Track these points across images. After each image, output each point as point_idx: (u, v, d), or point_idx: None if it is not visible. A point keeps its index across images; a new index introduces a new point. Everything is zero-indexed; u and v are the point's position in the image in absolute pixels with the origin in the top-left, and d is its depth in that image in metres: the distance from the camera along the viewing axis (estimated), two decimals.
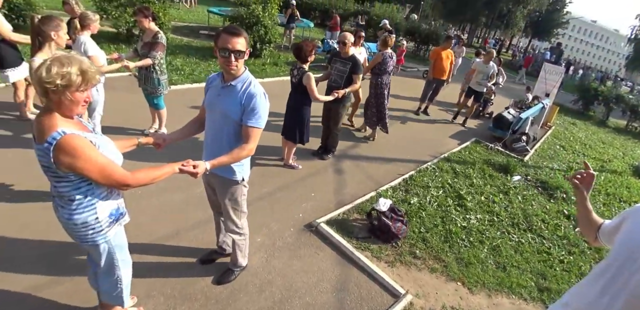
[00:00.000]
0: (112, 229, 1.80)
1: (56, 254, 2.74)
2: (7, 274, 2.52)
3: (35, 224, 2.99)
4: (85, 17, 3.88)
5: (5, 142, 4.17)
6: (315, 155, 4.76)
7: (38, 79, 1.41)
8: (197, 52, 8.75)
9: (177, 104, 5.25)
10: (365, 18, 16.82)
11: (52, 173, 1.56)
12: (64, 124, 1.50)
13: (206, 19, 12.68)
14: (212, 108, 2.13)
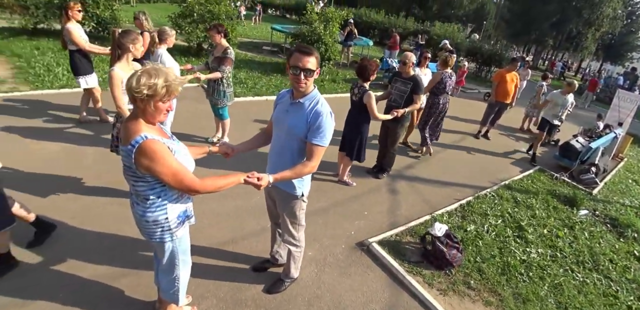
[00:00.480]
0: (179, 229, 1.95)
1: (124, 248, 2.98)
2: (77, 262, 2.80)
3: (107, 217, 3.30)
4: (164, 32, 4.29)
5: (87, 140, 4.66)
6: (370, 173, 4.78)
7: (129, 88, 1.59)
8: (260, 66, 9.24)
9: (240, 115, 5.56)
10: (426, 37, 16.79)
11: (132, 173, 1.74)
12: (147, 130, 1.67)
13: (269, 36, 13.39)
14: (280, 123, 2.22)
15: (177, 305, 2.28)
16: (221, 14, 9.60)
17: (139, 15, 4.89)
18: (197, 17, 9.37)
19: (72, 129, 5.01)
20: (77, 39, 4.65)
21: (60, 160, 4.17)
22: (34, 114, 5.20)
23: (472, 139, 7.44)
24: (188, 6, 9.46)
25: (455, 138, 7.15)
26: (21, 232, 2.84)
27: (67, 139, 4.67)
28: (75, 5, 4.71)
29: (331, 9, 10.14)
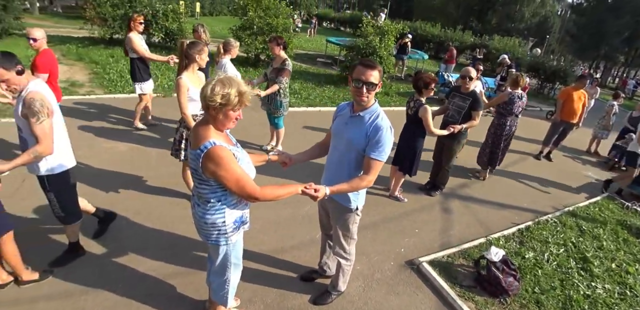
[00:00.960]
0: (234, 234, 2.02)
1: (180, 247, 3.15)
2: (136, 256, 3.00)
3: (165, 216, 3.51)
4: (228, 43, 4.55)
5: (151, 142, 5.01)
6: (422, 190, 4.68)
7: (203, 96, 1.70)
8: (314, 78, 9.46)
9: (293, 124, 5.72)
10: (484, 51, 16.30)
11: (197, 176, 1.84)
12: (215, 136, 1.77)
13: (324, 48, 13.70)
14: (338, 135, 2.25)
15: (225, 307, 2.35)
16: (279, 27, 10.00)
17: (197, 28, 5.19)
18: (256, 29, 9.83)
19: (139, 131, 5.42)
20: (137, 47, 5.07)
21: (127, 159, 4.52)
22: (106, 116, 5.70)
23: (533, 159, 7.04)
24: (249, 19, 9.95)
25: (515, 158, 6.80)
26: (86, 224, 3.11)
27: (134, 140, 5.07)
28: (139, 17, 5.15)
29: (387, 22, 10.20)
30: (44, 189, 2.61)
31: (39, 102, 2.27)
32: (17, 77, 2.25)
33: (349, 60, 9.54)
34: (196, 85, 3.28)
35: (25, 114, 2.26)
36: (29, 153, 2.29)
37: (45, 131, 2.30)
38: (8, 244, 2.51)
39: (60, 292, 2.65)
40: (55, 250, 2.99)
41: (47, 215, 3.47)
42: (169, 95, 7.08)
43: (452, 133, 4.08)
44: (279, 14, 10.19)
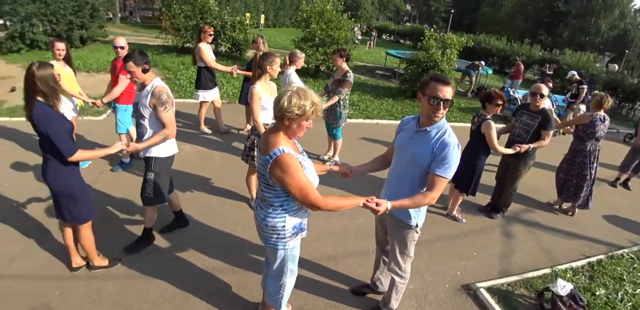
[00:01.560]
0: (292, 240, 2.08)
1: (238, 248, 3.30)
2: (196, 253, 3.20)
3: (226, 218, 3.71)
4: (294, 54, 4.73)
5: (215, 146, 5.32)
6: (482, 211, 4.49)
7: (280, 107, 1.78)
8: (372, 90, 9.52)
9: (350, 136, 5.78)
10: (554, 67, 15.35)
11: (263, 180, 1.93)
12: (285, 144, 1.86)
13: (383, 60, 13.73)
14: (402, 150, 2.24)
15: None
16: (340, 39, 10.24)
17: (257, 39, 5.43)
18: (318, 41, 10.14)
19: (205, 134, 5.78)
20: (205, 57, 5.42)
21: (192, 160, 4.85)
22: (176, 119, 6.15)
23: (608, 186, 6.46)
24: (311, 31, 10.31)
25: None
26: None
27: (199, 143, 5.43)
28: (209, 29, 5.53)
29: (450, 36, 10.04)
30: (148, 168, 2.98)
31: (165, 94, 2.77)
32: (142, 73, 2.74)
33: (409, 74, 9.49)
34: (268, 94, 3.46)
35: (154, 103, 2.74)
36: (159, 135, 2.82)
37: (171, 118, 2.84)
38: (86, 231, 2.80)
39: (126, 280, 2.89)
40: (125, 240, 3.29)
41: (119, 207, 3.85)
42: (233, 102, 7.50)
43: (518, 152, 3.90)
44: (340, 26, 10.44)
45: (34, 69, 2.32)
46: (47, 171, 2.53)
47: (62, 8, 12.08)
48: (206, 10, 11.97)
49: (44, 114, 2.34)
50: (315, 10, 10.49)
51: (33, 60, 2.43)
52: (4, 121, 6.30)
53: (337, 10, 10.59)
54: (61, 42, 4.16)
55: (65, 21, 12.32)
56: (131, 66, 2.69)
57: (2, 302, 2.66)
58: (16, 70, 9.79)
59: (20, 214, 3.72)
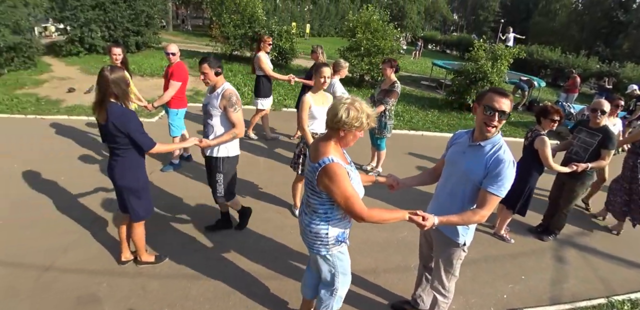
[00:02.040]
0: (335, 247, 2.09)
1: (279, 253, 3.36)
2: (238, 255, 3.31)
3: (269, 223, 3.81)
4: (338, 64, 4.78)
5: (260, 151, 5.47)
6: (532, 232, 4.26)
7: (338, 120, 1.81)
8: (417, 101, 9.41)
9: (394, 147, 5.73)
10: (613, 80, 14.41)
11: (310, 187, 1.97)
12: (334, 153, 1.89)
13: (429, 71, 13.56)
14: (453, 164, 2.19)
15: None
16: (386, 49, 10.24)
17: (316, 49, 5.51)
18: (363, 51, 10.20)
19: (249, 140, 5.96)
20: (264, 66, 5.62)
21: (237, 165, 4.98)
22: None
23: None
24: (357, 41, 10.39)
25: None
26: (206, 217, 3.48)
27: (244, 148, 5.57)
28: (268, 38, 5.75)
29: (500, 46, 9.75)
30: (216, 169, 3.21)
31: (235, 96, 3.01)
32: (214, 76, 3.00)
33: (456, 85, 9.28)
34: (319, 103, 3.53)
35: (224, 105, 2.98)
36: (229, 134, 3.06)
37: (240, 118, 3.06)
38: (140, 228, 2.97)
39: (170, 277, 3.03)
40: (172, 239, 3.45)
41: (167, 206, 4.04)
42: (278, 109, 7.71)
43: (574, 172, 3.69)
44: (386, 36, 10.45)
45: (107, 73, 2.51)
46: (115, 167, 2.71)
47: (120, 16, 13.02)
48: (254, 19, 12.42)
49: (120, 113, 2.53)
50: (361, 20, 10.58)
51: (104, 65, 2.64)
52: (63, 119, 6.86)
53: (384, 20, 10.62)
54: (118, 47, 4.43)
55: (122, 28, 13.26)
56: (205, 68, 2.94)
57: (53, 289, 2.87)
58: (75, 72, 10.64)
59: (75, 206, 4.00)
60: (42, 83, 9.36)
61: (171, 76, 4.44)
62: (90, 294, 2.82)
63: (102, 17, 12.69)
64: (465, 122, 7.83)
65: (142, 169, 2.81)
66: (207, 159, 3.28)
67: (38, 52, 11.06)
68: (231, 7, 12.35)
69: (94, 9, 12.52)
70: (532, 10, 45.93)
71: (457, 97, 9.17)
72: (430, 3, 51.25)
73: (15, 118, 6.90)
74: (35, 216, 3.79)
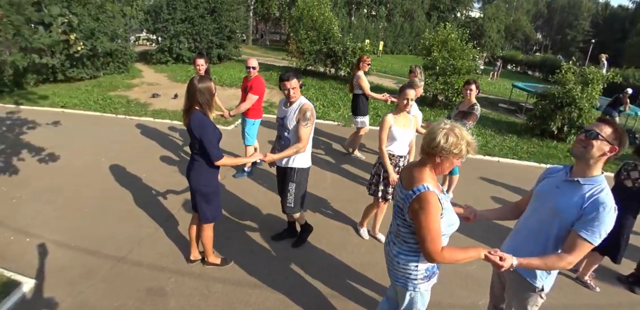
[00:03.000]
0: (424, 283, 2.00)
1: (341, 272, 3.35)
2: (300, 269, 3.37)
3: (333, 240, 3.83)
4: (412, 83, 4.72)
5: (329, 167, 5.57)
6: (622, 282, 3.78)
7: (436, 145, 1.75)
8: (494, 125, 8.99)
9: (467, 172, 5.46)
10: None
11: (401, 215, 1.90)
12: (430, 181, 1.82)
13: (508, 93, 12.93)
14: (543, 199, 2.02)
15: None
16: (463, 68, 9.98)
17: (415, 69, 5.42)
18: (438, 70, 10.03)
19: (319, 154, 6.11)
20: (364, 84, 5.74)
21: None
22: None
23: None
24: (432, 59, 10.26)
25: None
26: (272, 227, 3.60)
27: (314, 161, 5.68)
28: (368, 58, 5.85)
29: (592, 69, 9.02)
30: (289, 179, 3.32)
31: (310, 112, 3.09)
32: (299, 89, 3.14)
33: (539, 110, 8.71)
34: (400, 125, 3.49)
35: (298, 118, 3.07)
36: (293, 148, 3.11)
37: (307, 134, 3.13)
38: (209, 230, 3.16)
39: (233, 281, 3.16)
40: (238, 243, 3.63)
41: (236, 211, 4.26)
42: (348, 125, 7.84)
43: None
44: (464, 55, 10.20)
45: (196, 82, 2.75)
46: (191, 170, 2.95)
47: (206, 29, 14.27)
48: (330, 36, 12.85)
49: (200, 121, 2.75)
50: (438, 39, 10.46)
51: (194, 75, 2.91)
52: (149, 121, 7.58)
53: (462, 38, 10.41)
54: (202, 58, 4.79)
55: (207, 40, 14.51)
56: (296, 83, 3.07)
57: (125, 277, 3.16)
58: (163, 79, 11.76)
59: (153, 202, 4.38)
60: (133, 87, 10.48)
61: (250, 89, 4.70)
62: (159, 287, 3.05)
63: (189, 30, 14.01)
64: (547, 150, 7.26)
65: (214, 175, 3.00)
66: (280, 169, 3.40)
67: (131, 59, 12.46)
68: (308, 23, 12.93)
69: (183, 22, 13.88)
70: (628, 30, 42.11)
71: (539, 122, 8.58)
72: (511, 21, 49.16)
73: (107, 116, 7.80)
74: (116, 208, 4.23)
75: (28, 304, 2.86)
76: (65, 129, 6.78)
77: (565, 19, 55.61)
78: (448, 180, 4.84)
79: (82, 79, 10.72)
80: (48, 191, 4.52)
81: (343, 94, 10.71)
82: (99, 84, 10.48)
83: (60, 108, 8.19)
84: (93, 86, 10.16)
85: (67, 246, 3.52)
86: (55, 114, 7.80)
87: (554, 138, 8.18)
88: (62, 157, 5.47)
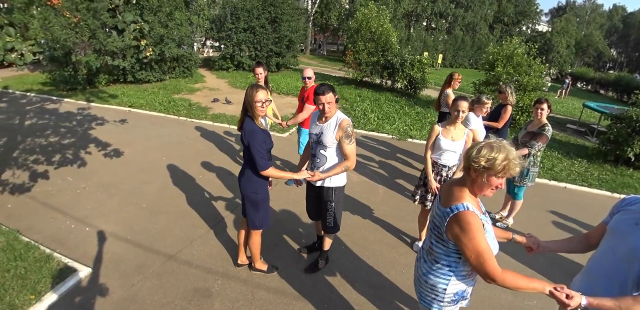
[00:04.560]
0: (450, 307, 1.89)
1: (387, 291, 3.24)
2: (345, 283, 3.30)
3: (378, 256, 3.72)
4: (480, 100, 4.50)
5: (381, 180, 5.49)
6: None
7: (468, 157, 1.69)
8: (562, 147, 8.39)
9: (530, 197, 5.09)
10: None
11: (437, 233, 1.82)
12: (469, 200, 1.72)
13: (577, 113, 12.08)
14: (620, 237, 1.80)
15: None
16: (529, 86, 9.48)
17: (505, 89, 5.04)
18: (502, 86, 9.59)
19: (372, 167, 6.04)
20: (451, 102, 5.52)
21: (357, 191, 5.08)
22: None
23: None
24: (496, 75, 9.84)
25: None
26: None
27: (366, 174, 5.69)
28: (459, 77, 5.64)
29: None
30: (328, 199, 3.14)
31: (351, 128, 2.91)
32: (335, 104, 2.92)
33: (614, 133, 8.00)
34: (448, 136, 3.48)
35: (341, 136, 2.88)
36: (342, 166, 2.94)
37: (354, 150, 2.95)
38: (257, 237, 3.17)
39: (278, 290, 3.15)
40: (286, 251, 3.63)
41: (285, 219, 4.27)
42: (403, 139, 7.74)
43: None
44: (530, 71, 9.69)
45: (248, 90, 2.79)
46: (242, 176, 3.00)
47: (266, 38, 14.84)
48: (388, 48, 12.80)
49: (250, 130, 2.79)
50: (503, 53, 10.04)
51: (252, 82, 2.95)
52: (208, 125, 7.92)
53: (530, 54, 9.90)
54: (261, 67, 4.84)
55: (267, 49, 15.08)
56: (332, 98, 2.84)
57: (175, 275, 3.25)
58: (224, 85, 12.31)
59: (207, 204, 4.52)
60: (195, 91, 11.07)
61: (307, 100, 4.70)
62: (206, 289, 3.11)
63: (251, 39, 14.63)
64: (622, 179, 6.60)
65: (264, 184, 3.00)
66: (314, 189, 3.21)
67: (196, 65, 13.20)
68: (367, 35, 12.98)
69: (245, 31, 14.55)
70: None
71: (614, 147, 7.86)
72: (583, 36, 46.18)
73: (170, 118, 8.26)
74: (172, 206, 4.41)
75: (82, 291, 3.04)
76: (131, 127, 7.28)
77: None
78: (510, 205, 4.53)
79: (150, 82, 11.53)
80: (111, 185, 4.83)
81: (399, 107, 10.59)
82: (165, 87, 11.19)
83: (128, 107, 8.82)
84: (159, 89, 10.87)
85: (124, 239, 3.72)
86: (123, 112, 8.42)
87: (630, 166, 7.44)
88: (126, 154, 5.85)
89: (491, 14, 42.25)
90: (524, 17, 43.87)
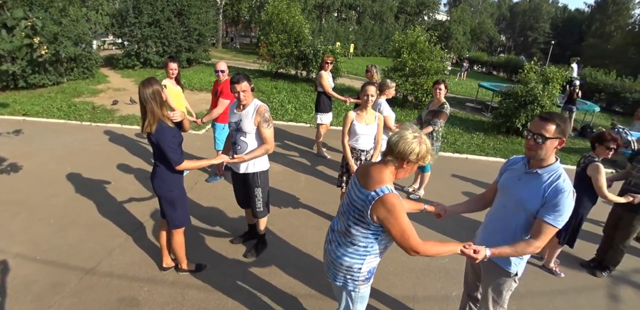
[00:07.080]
0: (365, 284, 2.04)
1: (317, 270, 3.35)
2: (276, 270, 3.31)
3: (306, 239, 3.82)
4: (385, 84, 4.82)
5: (302, 168, 5.58)
6: (585, 267, 4.01)
7: (399, 151, 1.78)
8: (462, 123, 9.28)
9: (437, 169, 5.62)
10: None
11: (357, 216, 1.86)
12: (390, 182, 1.84)
13: (474, 92, 13.36)
14: (507, 192, 2.13)
15: None
16: (432, 69, 10.26)
17: (371, 69, 5.67)
18: (408, 71, 10.27)
19: (292, 156, 6.12)
20: (325, 83, 6.00)
21: (279, 180, 5.13)
22: None
23: None
24: (402, 61, 10.48)
25: None
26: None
27: (287, 164, 5.76)
28: (329, 58, 6.14)
29: (552, 69, 9.50)
30: (254, 184, 3.27)
31: (268, 113, 3.08)
32: (250, 92, 3.05)
33: (504, 108, 9.08)
34: (361, 121, 3.66)
35: (259, 121, 3.03)
36: (261, 149, 3.10)
37: (272, 134, 3.13)
38: (179, 236, 3.10)
39: (209, 287, 3.12)
40: (212, 248, 3.59)
41: (208, 216, 4.19)
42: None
43: (631, 203, 3.48)
44: (432, 57, 10.48)
45: (141, 87, 2.66)
46: (154, 176, 2.89)
47: (174, 32, 14.02)
48: (300, 38, 12.90)
49: (158, 127, 2.69)
50: (407, 41, 10.70)
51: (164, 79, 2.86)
52: (116, 127, 7.37)
53: (431, 41, 10.70)
54: (174, 62, 4.64)
55: (175, 44, 14.26)
56: (247, 86, 2.96)
57: (95, 289, 3.05)
58: (129, 84, 11.47)
59: (121, 211, 4.25)
60: (98, 93, 10.16)
61: (220, 94, 4.61)
62: (131, 297, 2.96)
63: (157, 34, 13.71)
64: (512, 146, 7.58)
65: (178, 180, 2.93)
66: (238, 176, 3.32)
67: (96, 64, 12.06)
68: (279, 26, 12.93)
69: (150, 25, 13.59)
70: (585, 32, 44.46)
71: (504, 120, 8.95)
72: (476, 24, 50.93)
73: (72, 124, 7.51)
74: (83, 218, 4.08)
75: None
76: (28, 137, 6.50)
77: (526, 21, 58.18)
78: (420, 178, 4.96)
79: (45, 86, 10.28)
80: (11, 202, 4.32)
81: (315, 96, 10.72)
82: (63, 90, 10.10)
83: (22, 116, 7.82)
84: (56, 93, 9.77)
85: (32, 259, 3.37)
86: (16, 122, 7.45)
87: (518, 134, 8.53)
88: (25, 167, 5.24)
89: (395, 4, 44.47)
90: (424, 6, 46.86)
